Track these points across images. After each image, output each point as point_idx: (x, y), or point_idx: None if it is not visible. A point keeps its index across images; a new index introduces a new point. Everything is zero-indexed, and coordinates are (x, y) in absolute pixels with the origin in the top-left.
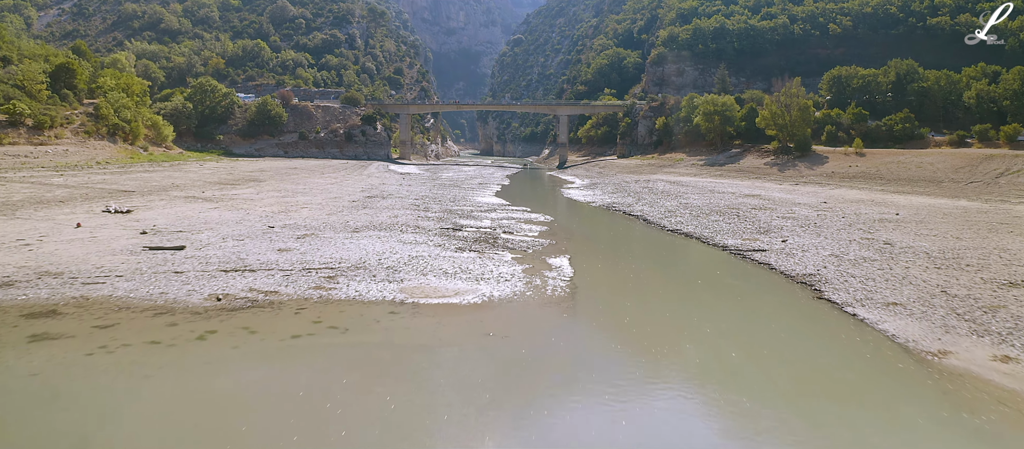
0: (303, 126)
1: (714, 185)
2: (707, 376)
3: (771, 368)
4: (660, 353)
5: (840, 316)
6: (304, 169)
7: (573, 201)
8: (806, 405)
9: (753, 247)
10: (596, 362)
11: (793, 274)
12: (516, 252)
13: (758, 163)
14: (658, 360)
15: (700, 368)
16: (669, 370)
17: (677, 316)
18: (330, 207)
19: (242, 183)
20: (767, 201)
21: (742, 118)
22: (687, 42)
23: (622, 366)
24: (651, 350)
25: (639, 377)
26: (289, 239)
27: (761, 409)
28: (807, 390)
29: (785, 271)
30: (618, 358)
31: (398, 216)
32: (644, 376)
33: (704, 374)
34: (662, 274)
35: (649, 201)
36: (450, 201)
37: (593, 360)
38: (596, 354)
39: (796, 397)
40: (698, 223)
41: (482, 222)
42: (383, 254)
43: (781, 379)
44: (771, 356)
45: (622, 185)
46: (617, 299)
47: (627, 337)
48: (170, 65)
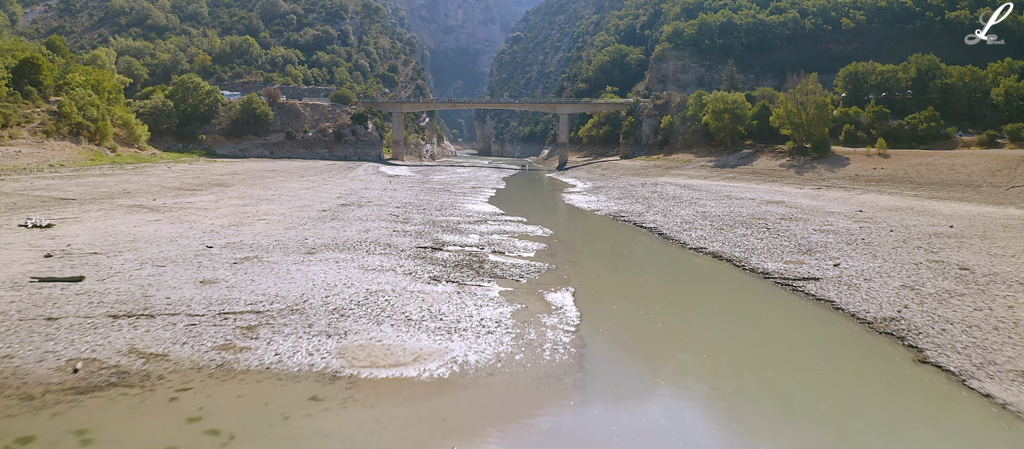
0: (290, 125)
1: (729, 189)
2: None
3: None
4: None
5: (969, 398)
6: (284, 171)
7: (575, 208)
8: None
9: (801, 275)
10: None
11: (868, 318)
12: (506, 282)
13: (772, 165)
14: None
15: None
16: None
17: (735, 403)
18: (293, 218)
19: (205, 188)
20: (795, 209)
21: (754, 117)
22: (692, 38)
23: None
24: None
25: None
26: (222, 265)
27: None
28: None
29: (855, 312)
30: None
31: (369, 231)
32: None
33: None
34: (697, 319)
35: (661, 209)
36: (436, 209)
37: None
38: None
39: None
40: (724, 238)
41: (469, 238)
42: (333, 288)
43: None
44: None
45: (628, 189)
46: (643, 366)
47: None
48: (155, 62)
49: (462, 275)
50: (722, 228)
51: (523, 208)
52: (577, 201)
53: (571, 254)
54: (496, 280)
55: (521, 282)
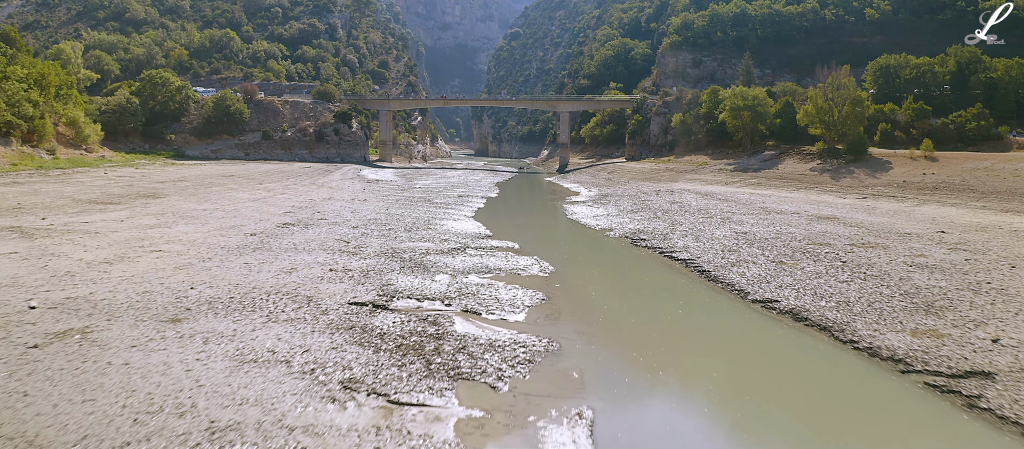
0: (268, 124)
1: (761, 199)
2: None
3: None
4: None
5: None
6: (244, 177)
7: (580, 226)
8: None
9: (954, 365)
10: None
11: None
12: (473, 393)
13: (801, 168)
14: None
15: None
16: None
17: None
18: (201, 249)
19: (125, 202)
20: (858, 229)
21: (776, 114)
22: (703, 30)
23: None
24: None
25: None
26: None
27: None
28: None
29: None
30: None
31: (296, 269)
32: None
33: None
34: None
35: (690, 228)
36: (405, 230)
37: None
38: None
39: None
40: (793, 281)
41: (434, 282)
42: (155, 414)
43: None
44: None
45: (642, 198)
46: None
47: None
48: (128, 57)
49: (401, 373)
50: (780, 260)
51: (516, 225)
52: (582, 215)
53: (582, 313)
54: (457, 385)
55: (500, 391)
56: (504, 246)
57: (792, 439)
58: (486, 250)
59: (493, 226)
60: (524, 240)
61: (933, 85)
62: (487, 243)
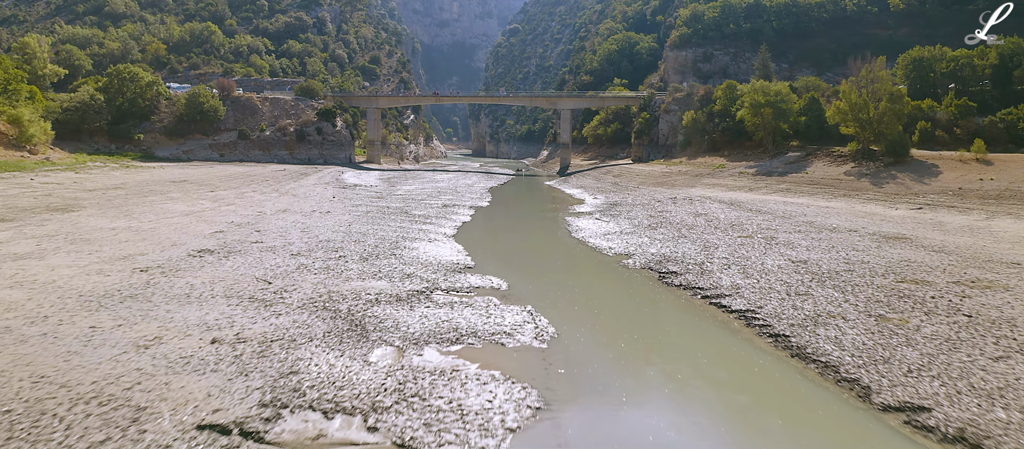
0: (245, 123)
1: (798, 209)
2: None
3: None
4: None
5: None
6: (198, 182)
7: (589, 250)
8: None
9: None
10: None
11: None
12: None
13: (834, 172)
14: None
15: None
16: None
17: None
18: (46, 299)
19: (27, 215)
20: (947, 255)
21: (801, 112)
22: (714, 22)
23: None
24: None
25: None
26: None
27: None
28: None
29: None
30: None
31: (161, 340)
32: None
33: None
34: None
35: (728, 252)
36: (360, 259)
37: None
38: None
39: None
40: (919, 355)
41: (365, 370)
42: None
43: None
44: None
45: (658, 209)
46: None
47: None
48: (102, 52)
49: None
50: (877, 313)
51: (507, 250)
52: (590, 232)
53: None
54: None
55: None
56: (487, 286)
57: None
58: (461, 294)
59: (477, 250)
60: (515, 275)
61: (972, 80)
62: (464, 281)
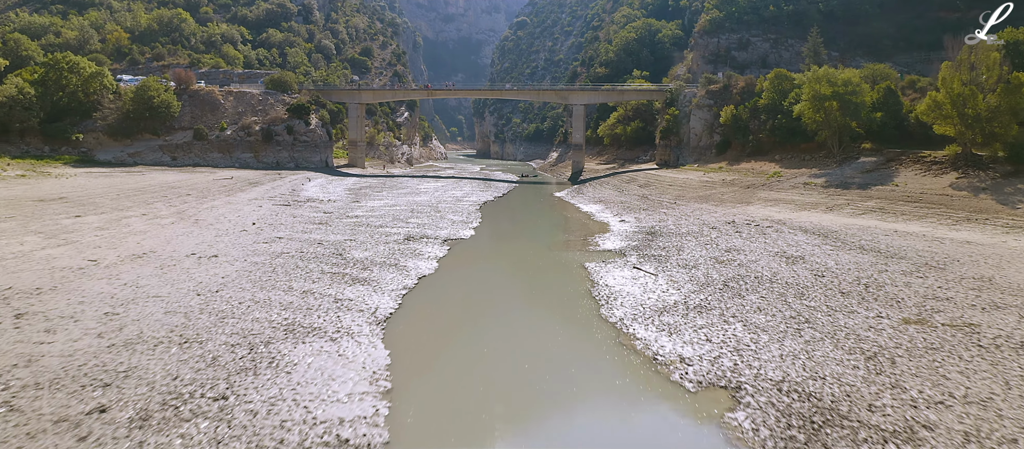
0: (204, 120)
1: (925, 245)
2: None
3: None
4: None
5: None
6: (84, 199)
7: (637, 358)
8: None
9: None
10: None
11: None
12: None
13: (934, 184)
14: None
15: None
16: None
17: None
18: None
19: None
20: None
21: (874, 106)
22: (751, 4)
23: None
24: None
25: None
26: None
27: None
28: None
29: None
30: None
31: None
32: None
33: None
34: None
35: (917, 383)
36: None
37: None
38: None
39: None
40: None
41: None
42: None
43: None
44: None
45: (721, 245)
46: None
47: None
48: (58, 42)
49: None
50: None
51: (480, 370)
52: (630, 306)
53: None
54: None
55: None
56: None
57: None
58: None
59: (418, 376)
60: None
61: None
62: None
